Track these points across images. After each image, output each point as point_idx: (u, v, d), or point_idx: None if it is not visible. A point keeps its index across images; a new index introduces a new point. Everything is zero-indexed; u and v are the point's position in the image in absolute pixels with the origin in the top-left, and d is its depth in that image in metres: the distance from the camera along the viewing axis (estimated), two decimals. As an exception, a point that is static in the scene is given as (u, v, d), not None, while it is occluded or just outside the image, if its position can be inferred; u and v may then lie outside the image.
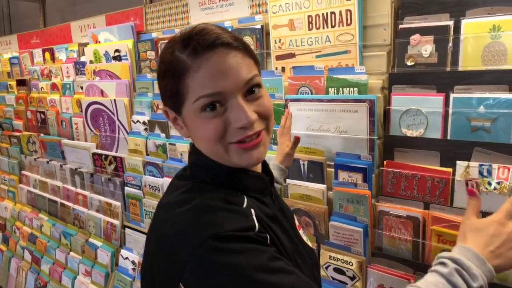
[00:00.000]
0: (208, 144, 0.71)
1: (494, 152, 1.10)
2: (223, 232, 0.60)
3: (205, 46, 0.65)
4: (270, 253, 0.62)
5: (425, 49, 1.23)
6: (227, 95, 0.66)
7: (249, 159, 0.70)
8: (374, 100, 1.27)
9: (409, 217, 1.21)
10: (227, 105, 0.67)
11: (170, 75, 0.69)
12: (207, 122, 0.67)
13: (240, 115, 0.66)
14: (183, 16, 1.95)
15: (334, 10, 1.37)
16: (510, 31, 1.08)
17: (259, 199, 0.75)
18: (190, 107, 0.68)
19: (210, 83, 0.65)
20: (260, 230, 0.64)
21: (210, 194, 0.69)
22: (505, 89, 1.09)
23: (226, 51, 0.66)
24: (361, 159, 1.30)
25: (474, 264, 0.66)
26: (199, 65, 0.65)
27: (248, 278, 0.58)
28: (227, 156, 0.71)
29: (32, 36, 3.08)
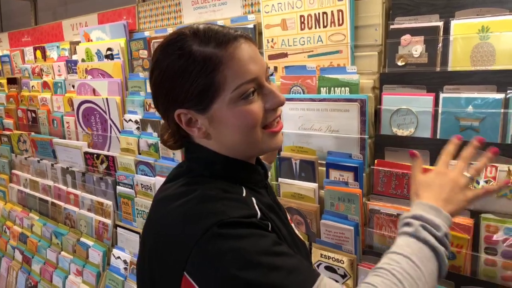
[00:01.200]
0: (246, 131, 0.71)
1: (482, 151, 1.11)
2: (226, 218, 0.62)
3: (229, 38, 0.69)
4: (273, 238, 0.64)
5: (416, 49, 1.24)
6: (260, 80, 0.72)
7: (278, 142, 0.77)
8: (365, 99, 1.28)
9: (399, 216, 1.22)
10: (260, 90, 0.72)
11: (199, 70, 0.68)
12: (248, 108, 0.70)
13: (276, 95, 0.73)
14: (175, 15, 1.95)
15: (326, 10, 1.38)
16: (499, 32, 1.10)
17: (256, 191, 0.77)
18: (227, 97, 0.69)
19: (248, 69, 0.69)
20: (261, 218, 0.67)
21: (209, 185, 0.71)
22: (493, 89, 1.11)
23: (246, 41, 0.72)
24: (352, 158, 1.32)
25: (433, 216, 0.71)
26: (232, 54, 0.68)
27: (253, 261, 0.59)
28: (259, 143, 0.74)
29: (23, 34, 3.05)
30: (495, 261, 1.08)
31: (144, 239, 0.75)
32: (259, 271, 0.58)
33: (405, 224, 0.73)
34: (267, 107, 0.72)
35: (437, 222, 0.70)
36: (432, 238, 0.68)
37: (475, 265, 1.11)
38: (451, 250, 0.69)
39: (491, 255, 1.08)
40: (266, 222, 0.67)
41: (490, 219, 1.08)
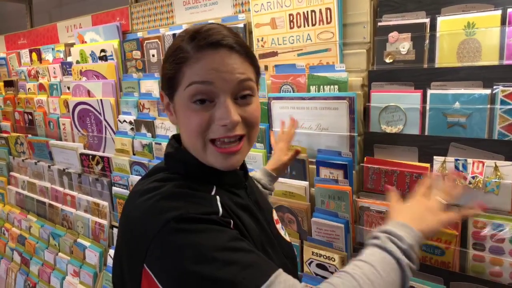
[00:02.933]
0: (190, 136, 0.73)
1: (469, 147, 1.11)
2: (184, 214, 0.63)
3: (210, 44, 0.69)
4: (231, 234, 0.65)
5: (403, 46, 1.24)
6: (218, 91, 0.69)
7: (225, 164, 0.73)
8: (354, 97, 1.28)
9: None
10: (216, 102, 0.70)
11: (172, 60, 0.72)
12: (193, 114, 0.70)
13: (225, 113, 0.69)
14: (168, 16, 1.96)
15: (314, 9, 1.38)
16: (484, 28, 1.10)
17: (231, 191, 0.78)
18: (182, 93, 0.71)
19: (205, 73, 0.68)
20: (223, 215, 0.67)
21: (178, 183, 0.72)
22: (479, 85, 1.11)
23: (227, 53, 0.70)
24: (341, 156, 1.32)
25: (401, 231, 0.74)
26: (200, 58, 0.69)
27: (208, 255, 0.59)
28: (203, 154, 0.73)
29: (19, 36, 3.06)
30: (483, 256, 1.08)
31: (119, 230, 0.76)
32: (213, 265, 0.58)
33: (373, 237, 0.75)
34: (214, 121, 0.70)
35: (403, 235, 0.72)
36: (396, 249, 0.70)
37: (464, 261, 1.12)
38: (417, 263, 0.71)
39: (479, 251, 1.09)
40: (228, 220, 0.67)
41: (478, 215, 1.08)
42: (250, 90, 0.73)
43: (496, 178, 1.06)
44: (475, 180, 1.09)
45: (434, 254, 1.15)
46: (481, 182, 1.08)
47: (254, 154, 1.53)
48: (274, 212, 0.95)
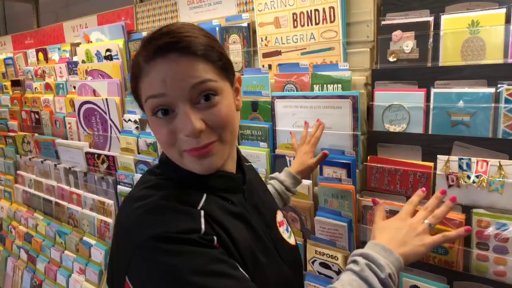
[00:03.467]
0: (164, 149, 0.72)
1: (473, 146, 1.11)
2: (163, 233, 0.62)
3: (157, 51, 0.65)
4: (212, 255, 0.63)
5: (407, 45, 1.24)
6: (174, 100, 0.66)
7: (201, 168, 0.70)
8: (357, 96, 1.28)
9: (392, 212, 1.22)
10: (176, 112, 0.67)
11: (131, 76, 0.72)
12: (158, 128, 0.68)
13: (185, 123, 0.66)
14: (172, 15, 1.97)
15: (317, 8, 1.38)
16: (489, 26, 1.09)
17: (225, 198, 0.76)
18: (145, 108, 0.70)
19: (155, 86, 0.65)
20: (206, 232, 0.65)
21: (167, 192, 0.71)
22: (483, 83, 1.10)
23: (177, 58, 0.65)
24: (345, 155, 1.32)
25: (381, 256, 0.74)
26: (149, 70, 0.66)
27: (182, 280, 0.59)
28: (182, 162, 0.71)
29: (26, 36, 3.09)
30: (487, 256, 1.08)
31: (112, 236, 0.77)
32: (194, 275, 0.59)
33: (352, 261, 0.75)
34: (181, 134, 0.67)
35: (382, 262, 0.72)
36: (374, 279, 0.70)
37: (467, 260, 1.11)
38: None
39: (483, 250, 1.08)
40: (210, 237, 0.65)
41: (482, 214, 1.08)
42: (211, 91, 0.68)
43: (500, 177, 1.05)
44: (479, 179, 1.08)
45: (437, 253, 1.15)
46: (485, 181, 1.07)
47: (258, 153, 1.53)
48: (279, 214, 0.92)
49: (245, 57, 1.65)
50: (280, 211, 0.94)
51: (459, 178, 1.12)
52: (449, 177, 1.14)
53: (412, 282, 1.17)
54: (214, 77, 0.68)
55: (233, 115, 0.73)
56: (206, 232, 0.65)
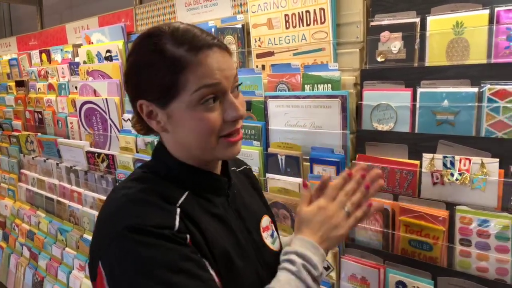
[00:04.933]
0: (201, 137, 0.73)
1: (457, 144, 1.13)
2: (138, 224, 0.65)
3: (203, 45, 0.71)
4: (181, 253, 0.65)
5: (394, 45, 1.26)
6: (223, 88, 0.72)
7: (233, 152, 0.78)
8: (346, 95, 1.31)
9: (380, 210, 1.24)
10: (222, 99, 0.73)
11: (165, 68, 0.70)
12: (205, 114, 0.71)
13: (235, 108, 0.73)
14: (170, 17, 2.00)
15: (308, 9, 1.41)
16: (472, 27, 1.12)
17: (208, 198, 0.79)
18: (186, 99, 0.70)
19: (213, 75, 0.70)
20: (179, 230, 0.67)
21: (149, 186, 0.74)
22: (467, 83, 1.12)
23: (220, 50, 0.73)
24: (334, 153, 1.34)
25: (312, 253, 0.77)
26: (200, 60, 0.70)
27: (149, 272, 0.62)
28: (214, 150, 0.75)
29: (30, 38, 3.15)
30: (469, 252, 1.10)
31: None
32: (151, 281, 0.61)
33: (288, 260, 0.77)
34: (225, 119, 0.73)
35: (316, 261, 0.77)
36: (310, 279, 0.75)
37: (451, 256, 1.13)
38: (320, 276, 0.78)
39: (465, 246, 1.10)
40: (183, 235, 0.67)
41: (465, 211, 1.10)
42: (238, 82, 0.79)
43: (482, 175, 1.08)
44: (462, 177, 1.11)
45: (422, 249, 1.17)
46: (468, 179, 1.09)
47: (251, 152, 1.56)
48: (265, 219, 0.93)
49: (240, 57, 1.68)
50: (267, 216, 0.95)
51: (443, 176, 1.14)
52: (433, 174, 1.16)
53: (398, 278, 1.19)
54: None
55: None
56: (179, 229, 0.68)
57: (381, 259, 1.25)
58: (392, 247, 1.24)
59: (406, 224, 1.19)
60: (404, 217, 1.19)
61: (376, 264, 1.25)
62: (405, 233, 1.20)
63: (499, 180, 1.06)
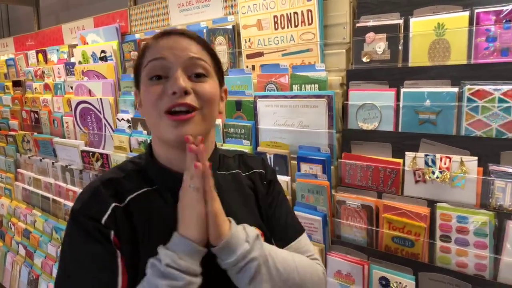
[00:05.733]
0: (148, 111, 0.77)
1: (439, 143, 1.16)
2: (76, 209, 0.74)
3: (165, 33, 0.79)
4: (92, 249, 0.71)
5: (379, 46, 1.29)
6: (170, 66, 0.75)
7: (176, 133, 0.73)
8: (332, 95, 1.33)
9: (363, 206, 1.27)
10: (169, 76, 0.75)
11: (139, 52, 0.83)
12: (150, 88, 0.76)
13: (174, 81, 0.73)
14: (163, 18, 2.03)
15: (296, 10, 1.44)
16: (453, 29, 1.14)
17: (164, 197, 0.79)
18: (143, 75, 0.78)
19: (159, 51, 0.77)
20: (105, 224, 0.72)
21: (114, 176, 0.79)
22: (448, 83, 1.15)
23: (180, 37, 0.79)
24: (320, 152, 1.37)
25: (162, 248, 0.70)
26: (156, 43, 0.78)
27: (64, 251, 0.73)
28: (159, 128, 0.76)
29: (27, 38, 3.18)
30: (449, 248, 1.12)
31: None
32: (62, 261, 0.73)
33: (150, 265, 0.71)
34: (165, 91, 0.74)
35: (162, 255, 0.68)
36: (155, 279, 0.67)
37: (432, 252, 1.16)
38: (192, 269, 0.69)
39: (445, 243, 1.13)
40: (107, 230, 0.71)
41: (445, 207, 1.12)
42: (204, 70, 0.77)
43: (461, 173, 1.10)
44: (442, 175, 1.13)
45: (404, 246, 1.20)
46: (448, 177, 1.12)
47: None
48: None
49: (231, 58, 1.71)
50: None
51: (425, 174, 1.17)
52: (416, 173, 1.19)
53: (381, 274, 1.22)
54: (208, 61, 0.80)
55: (216, 101, 0.81)
56: (105, 224, 0.72)
57: (366, 255, 1.27)
58: (376, 243, 1.27)
59: (389, 221, 1.22)
60: (387, 214, 1.22)
61: (360, 261, 1.27)
62: (388, 230, 1.22)
63: (478, 178, 1.08)
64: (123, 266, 0.71)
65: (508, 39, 1.07)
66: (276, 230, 0.89)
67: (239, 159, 0.95)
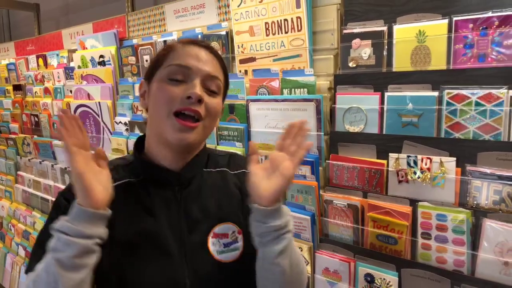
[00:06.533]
0: (157, 107, 0.82)
1: (420, 144, 1.21)
2: (60, 193, 0.85)
3: (193, 42, 0.87)
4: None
5: (365, 52, 1.35)
6: (191, 74, 0.82)
7: (178, 136, 0.80)
8: (320, 99, 1.39)
9: (350, 206, 1.32)
10: (188, 82, 0.82)
11: (161, 50, 0.88)
12: (167, 87, 0.82)
13: (192, 87, 0.81)
14: (160, 24, 2.09)
15: (286, 17, 1.50)
16: (433, 35, 1.20)
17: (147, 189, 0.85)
18: (162, 71, 0.84)
19: (184, 58, 0.83)
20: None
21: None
22: (428, 88, 1.20)
23: (206, 51, 0.87)
24: (309, 153, 1.42)
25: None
26: (183, 49, 0.85)
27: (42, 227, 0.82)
28: (164, 124, 0.81)
29: (28, 43, 3.24)
30: (430, 245, 1.17)
31: None
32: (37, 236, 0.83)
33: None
34: (182, 94, 0.80)
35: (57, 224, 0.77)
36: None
37: (414, 249, 1.21)
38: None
39: (426, 240, 1.18)
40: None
41: (426, 206, 1.17)
42: (217, 88, 0.86)
43: (441, 173, 1.15)
44: (423, 175, 1.18)
45: (388, 243, 1.25)
46: (428, 177, 1.17)
47: (234, 152, 1.64)
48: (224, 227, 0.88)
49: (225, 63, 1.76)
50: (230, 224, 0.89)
51: (408, 174, 1.22)
52: (399, 173, 1.24)
53: (366, 270, 1.27)
54: (222, 80, 0.89)
55: (218, 116, 0.90)
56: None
57: (352, 253, 1.32)
58: (362, 241, 1.32)
59: (374, 219, 1.27)
60: (372, 213, 1.27)
61: (347, 258, 1.32)
62: (373, 228, 1.28)
63: (456, 178, 1.14)
64: None
65: (485, 46, 1.12)
66: None
67: (230, 159, 1.00)
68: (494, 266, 1.07)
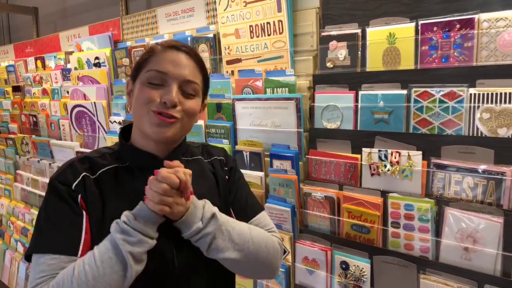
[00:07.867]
0: (138, 106, 0.90)
1: (391, 139, 1.29)
2: (52, 178, 0.89)
3: (174, 46, 0.92)
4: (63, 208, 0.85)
5: (341, 53, 1.43)
6: (169, 79, 0.88)
7: (157, 131, 0.88)
8: (300, 98, 1.47)
9: (327, 198, 1.41)
10: (165, 86, 0.89)
11: (144, 53, 0.94)
12: (146, 90, 0.89)
13: (168, 93, 0.87)
14: (152, 27, 2.18)
15: (269, 21, 1.58)
16: (402, 38, 1.28)
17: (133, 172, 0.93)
18: (143, 75, 0.90)
19: (163, 64, 0.89)
20: (74, 189, 0.87)
21: (91, 154, 0.94)
22: (398, 86, 1.29)
23: (185, 55, 0.92)
24: (290, 149, 1.51)
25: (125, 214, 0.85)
26: (164, 52, 0.91)
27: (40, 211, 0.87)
28: (143, 120, 0.89)
29: (27, 45, 3.33)
30: (399, 233, 1.26)
31: None
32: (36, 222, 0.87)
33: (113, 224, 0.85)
34: (159, 98, 0.87)
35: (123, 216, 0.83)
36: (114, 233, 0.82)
37: (385, 237, 1.29)
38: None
39: (396, 228, 1.26)
40: (76, 194, 0.86)
41: (395, 197, 1.26)
42: (194, 91, 0.92)
43: (409, 166, 1.24)
44: (393, 168, 1.27)
45: (362, 233, 1.33)
46: (397, 170, 1.26)
47: (221, 149, 1.72)
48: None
49: (212, 64, 1.85)
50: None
51: (379, 167, 1.30)
52: (371, 166, 1.32)
53: (342, 258, 1.35)
54: (199, 83, 0.94)
55: (196, 114, 0.95)
56: (75, 189, 0.87)
57: (329, 242, 1.41)
58: (338, 231, 1.40)
59: (349, 210, 1.35)
60: (346, 205, 1.35)
61: (324, 247, 1.41)
62: (348, 219, 1.36)
63: (422, 170, 1.22)
64: (87, 226, 0.85)
65: (447, 47, 1.20)
66: (238, 210, 1.03)
67: (203, 149, 1.10)
68: (455, 251, 1.15)
